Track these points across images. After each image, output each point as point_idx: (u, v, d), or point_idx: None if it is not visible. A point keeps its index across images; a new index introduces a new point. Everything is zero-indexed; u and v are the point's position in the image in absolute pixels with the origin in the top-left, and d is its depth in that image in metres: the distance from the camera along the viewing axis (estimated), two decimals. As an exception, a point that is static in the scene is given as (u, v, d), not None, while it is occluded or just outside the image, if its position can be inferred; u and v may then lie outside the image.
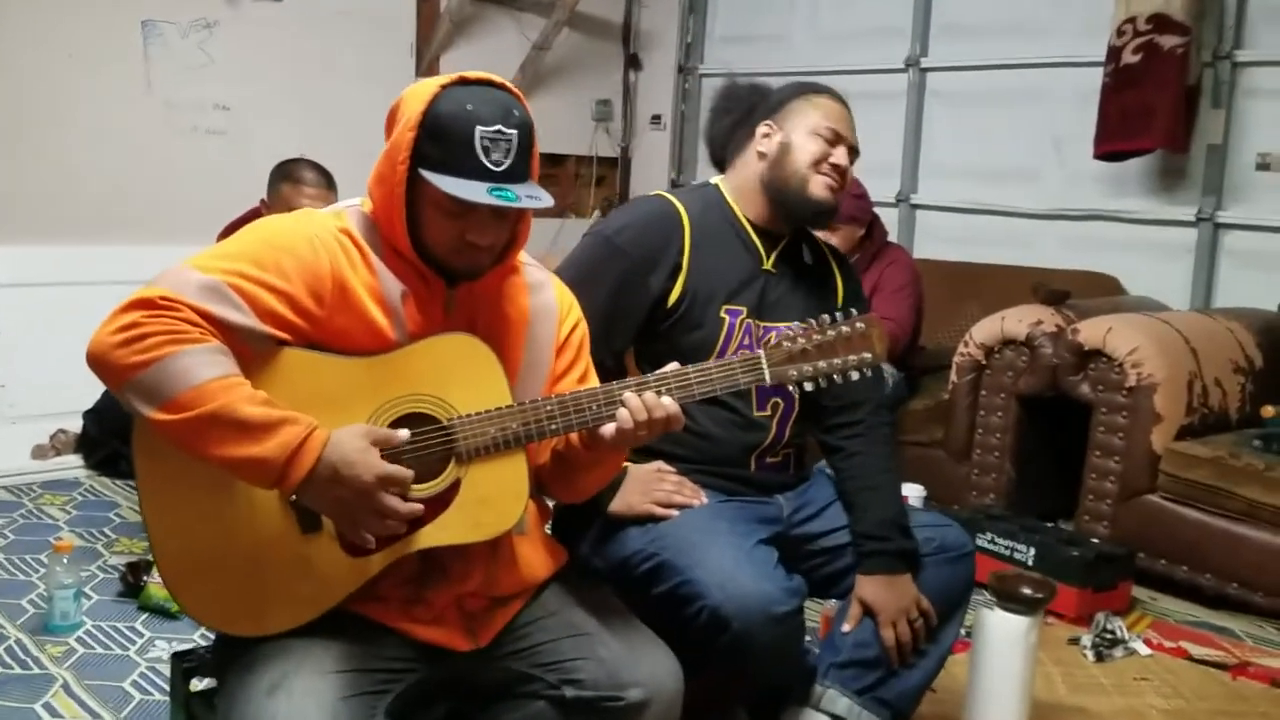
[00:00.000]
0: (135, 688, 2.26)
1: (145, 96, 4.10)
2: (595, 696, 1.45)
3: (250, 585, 1.39)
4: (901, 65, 4.69)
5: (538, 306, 1.58)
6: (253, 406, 1.28)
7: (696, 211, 1.93)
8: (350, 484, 1.30)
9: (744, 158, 1.98)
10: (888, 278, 3.67)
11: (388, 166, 1.41)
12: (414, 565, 1.45)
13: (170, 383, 1.27)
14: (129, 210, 4.08)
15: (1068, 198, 4.24)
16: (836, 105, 1.96)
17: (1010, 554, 2.96)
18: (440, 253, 1.44)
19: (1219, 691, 2.49)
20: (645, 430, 1.45)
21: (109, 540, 3.06)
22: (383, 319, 1.42)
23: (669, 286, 1.87)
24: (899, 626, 1.85)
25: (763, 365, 1.53)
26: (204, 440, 1.28)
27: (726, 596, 1.63)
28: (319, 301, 1.39)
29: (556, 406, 1.45)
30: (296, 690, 1.30)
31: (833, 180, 1.91)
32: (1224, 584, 2.93)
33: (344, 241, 1.44)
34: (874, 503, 1.92)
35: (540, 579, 1.58)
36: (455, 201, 1.37)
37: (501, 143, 1.38)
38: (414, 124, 1.38)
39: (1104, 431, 3.14)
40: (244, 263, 1.36)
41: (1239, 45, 3.78)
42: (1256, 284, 3.73)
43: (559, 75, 5.38)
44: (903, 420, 3.64)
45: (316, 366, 1.40)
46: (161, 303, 1.30)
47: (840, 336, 1.54)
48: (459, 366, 1.44)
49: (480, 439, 1.42)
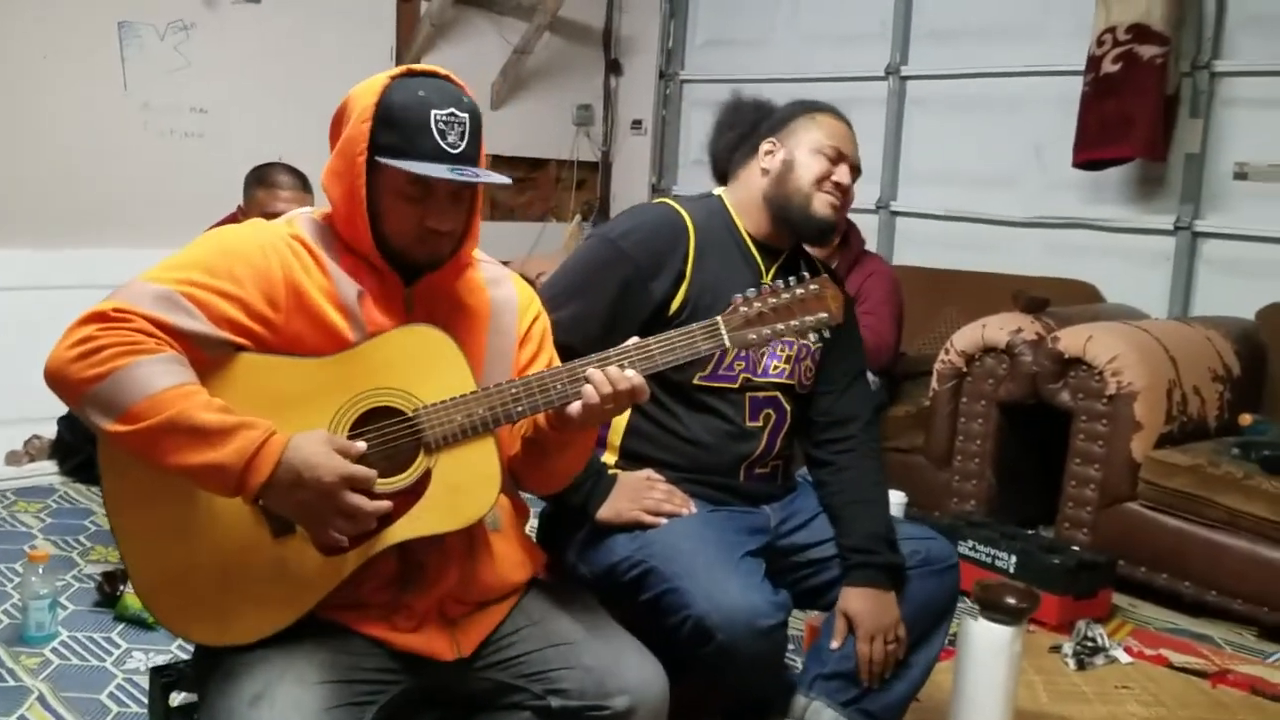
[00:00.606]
0: (113, 700, 2.23)
1: (122, 99, 4.07)
2: (581, 706, 1.45)
3: (225, 593, 1.38)
4: (882, 73, 4.70)
5: (498, 299, 1.59)
6: (208, 413, 1.28)
7: (701, 221, 1.93)
8: (313, 486, 1.29)
9: (747, 173, 1.99)
10: (869, 289, 3.67)
11: (343, 162, 1.43)
12: (391, 565, 1.44)
13: (126, 393, 1.26)
14: (105, 214, 4.04)
15: (1047, 205, 4.26)
16: (839, 124, 1.97)
17: (992, 561, 2.97)
18: (401, 243, 1.45)
19: (1199, 699, 2.50)
20: (611, 403, 1.45)
21: (84, 548, 3.03)
22: (340, 321, 1.42)
23: (672, 294, 1.87)
24: (875, 644, 1.85)
25: (721, 331, 1.53)
26: (161, 449, 1.27)
27: (713, 607, 1.63)
28: (274, 306, 1.40)
29: (521, 388, 1.45)
30: (279, 701, 1.29)
31: (835, 198, 1.92)
32: (1203, 591, 2.95)
33: (295, 247, 1.44)
34: (862, 517, 1.92)
35: (519, 580, 1.57)
36: (418, 184, 1.41)
37: (456, 125, 1.42)
38: (368, 115, 1.41)
39: (1084, 439, 3.15)
40: (195, 271, 1.37)
41: (1217, 55, 3.81)
42: (1234, 292, 3.76)
43: (540, 79, 5.37)
44: (884, 427, 3.65)
45: (276, 369, 1.39)
46: (115, 315, 1.31)
47: (795, 298, 1.55)
48: (421, 357, 1.43)
49: (447, 427, 1.41)
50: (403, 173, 1.40)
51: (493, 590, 1.53)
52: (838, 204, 1.93)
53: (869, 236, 4.57)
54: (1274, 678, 2.61)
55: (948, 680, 2.16)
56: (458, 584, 1.49)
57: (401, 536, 1.40)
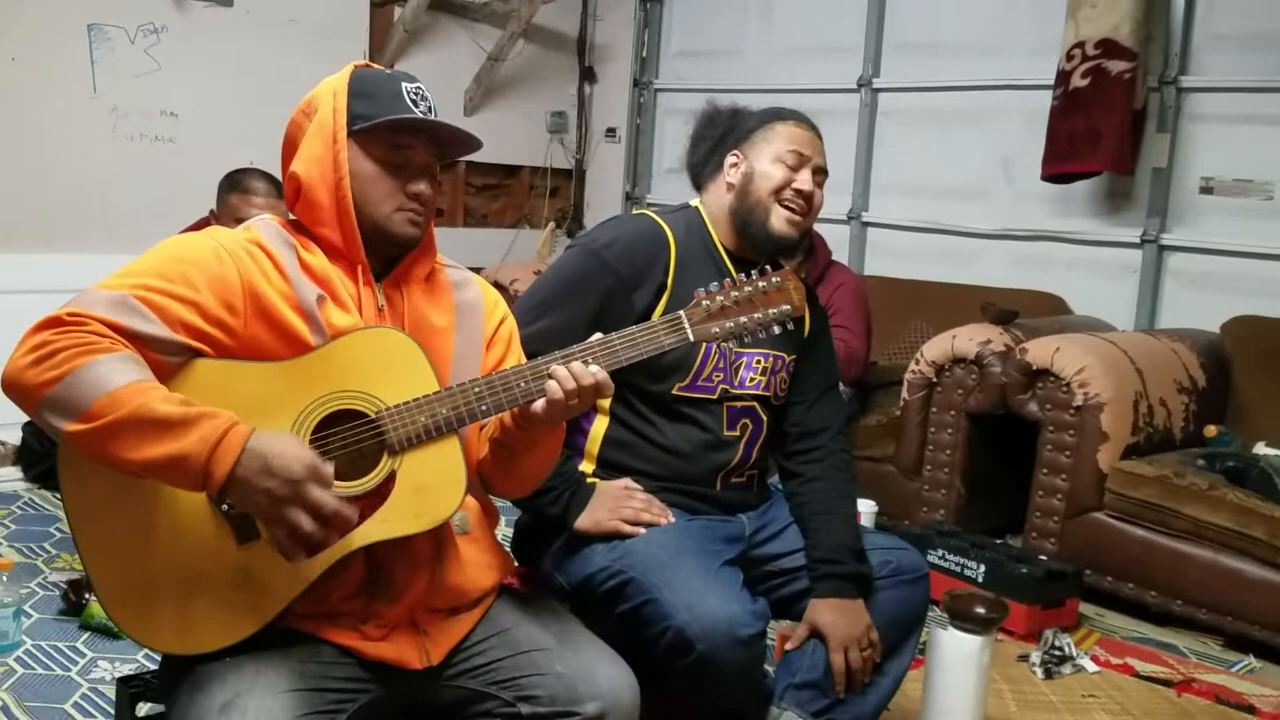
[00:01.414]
0: (77, 710, 2.20)
1: (91, 102, 4.02)
2: (552, 712, 1.44)
3: (189, 602, 1.36)
4: (854, 85, 4.73)
5: (463, 301, 1.60)
6: (168, 405, 1.26)
7: (681, 234, 1.94)
8: (282, 475, 1.27)
9: (716, 186, 2.00)
10: (838, 300, 3.70)
11: (322, 145, 1.47)
12: (359, 571, 1.43)
13: (83, 393, 1.25)
14: (73, 218, 3.99)
15: (1015, 218, 4.31)
16: (800, 129, 1.97)
17: (961, 570, 2.99)
18: (383, 216, 1.48)
19: (1165, 708, 2.53)
20: (576, 399, 1.45)
21: (49, 556, 2.99)
22: (300, 324, 1.42)
23: (653, 305, 1.88)
24: (850, 654, 1.85)
25: (685, 324, 1.54)
26: (122, 444, 1.25)
27: (694, 618, 1.63)
28: (231, 311, 1.39)
29: (485, 387, 1.45)
30: (250, 709, 1.28)
31: (795, 210, 1.92)
32: (1169, 601, 2.98)
33: (253, 250, 1.44)
34: (830, 528, 1.93)
35: (489, 585, 1.56)
36: (398, 150, 1.47)
37: (424, 98, 1.51)
38: (342, 95, 1.48)
39: (1051, 450, 3.18)
40: (149, 277, 1.37)
41: (1184, 71, 3.86)
42: (1200, 305, 3.81)
43: (514, 86, 5.37)
44: (855, 436, 3.67)
45: (235, 374, 1.38)
46: (69, 319, 1.30)
47: (757, 291, 1.56)
48: (382, 359, 1.43)
49: (410, 428, 1.41)
50: (384, 139, 1.47)
51: (463, 595, 1.52)
52: (798, 217, 1.93)
53: (840, 246, 4.61)
54: (1238, 687, 2.65)
55: (917, 690, 2.18)
56: (427, 589, 1.48)
57: (368, 539, 1.39)
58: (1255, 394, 3.45)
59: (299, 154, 1.49)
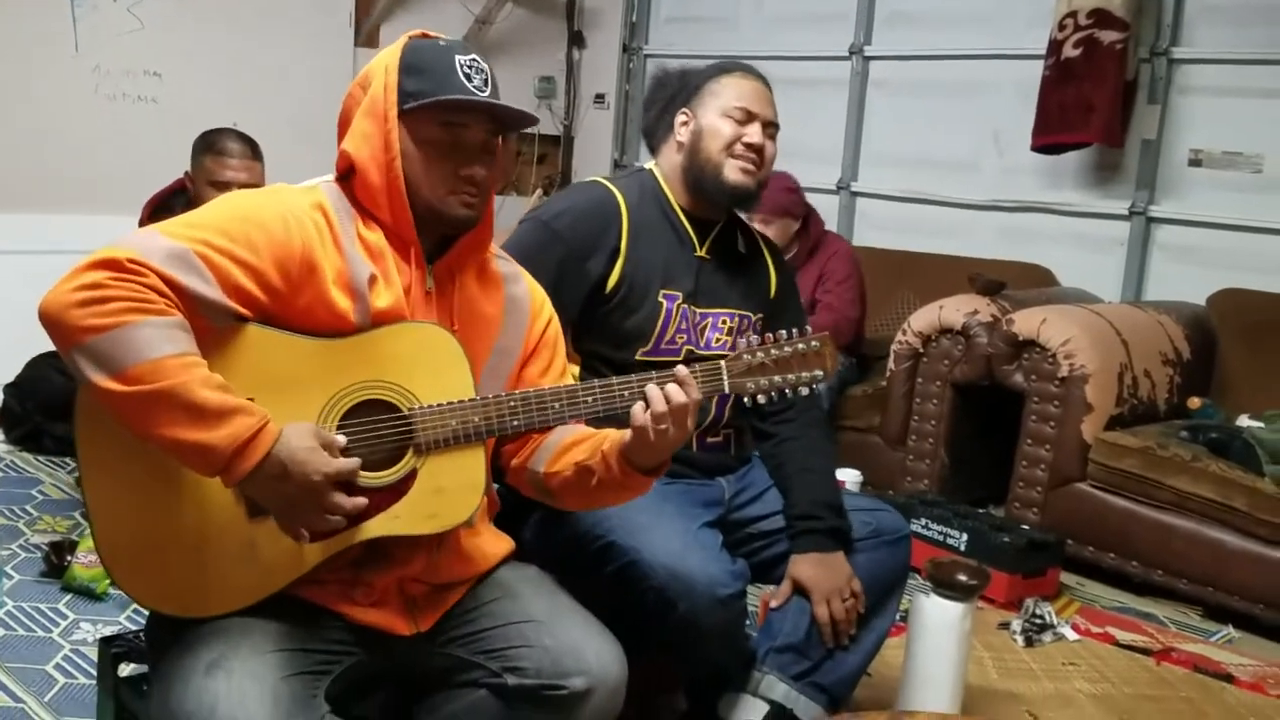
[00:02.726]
0: (59, 671, 2.20)
1: (73, 61, 3.97)
2: (538, 685, 1.44)
3: (192, 567, 1.36)
4: (845, 53, 4.70)
5: (512, 297, 1.58)
6: (208, 390, 1.24)
7: (634, 198, 1.93)
8: (299, 482, 1.28)
9: (668, 147, 1.99)
10: (831, 269, 3.73)
11: (374, 122, 1.43)
12: (357, 550, 1.42)
13: (126, 352, 1.22)
14: (53, 178, 3.94)
15: (1005, 189, 4.30)
16: (747, 82, 1.95)
17: (943, 539, 3.00)
18: (433, 197, 1.43)
19: (1144, 676, 2.55)
20: (665, 423, 1.42)
21: (31, 518, 2.97)
22: (345, 302, 1.39)
23: (607, 271, 1.87)
24: (833, 605, 1.86)
25: (723, 376, 1.54)
26: (152, 418, 1.23)
27: (673, 578, 1.65)
28: (285, 278, 1.36)
29: (520, 403, 1.44)
30: (236, 669, 1.27)
31: (748, 162, 1.91)
32: (1150, 571, 3.01)
33: (317, 219, 1.41)
34: (806, 485, 1.95)
35: (483, 570, 1.56)
36: (451, 128, 1.42)
37: (479, 70, 1.44)
38: (394, 70, 1.42)
39: (1036, 420, 3.19)
40: (213, 233, 1.33)
41: (1176, 42, 3.85)
42: (1186, 277, 3.81)
43: (501, 51, 5.31)
44: (842, 406, 3.69)
45: (277, 346, 1.37)
46: (130, 266, 1.26)
47: (796, 353, 1.56)
48: (424, 356, 1.42)
49: (440, 431, 1.41)
50: (435, 118, 1.41)
51: (456, 578, 1.52)
52: (751, 168, 1.91)
53: (829, 217, 4.60)
54: (1216, 656, 2.67)
55: (899, 656, 2.19)
56: (422, 570, 1.48)
57: (376, 533, 1.39)
58: (1239, 367, 3.47)
59: (351, 131, 1.45)
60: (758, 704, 1.87)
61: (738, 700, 1.89)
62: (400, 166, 1.41)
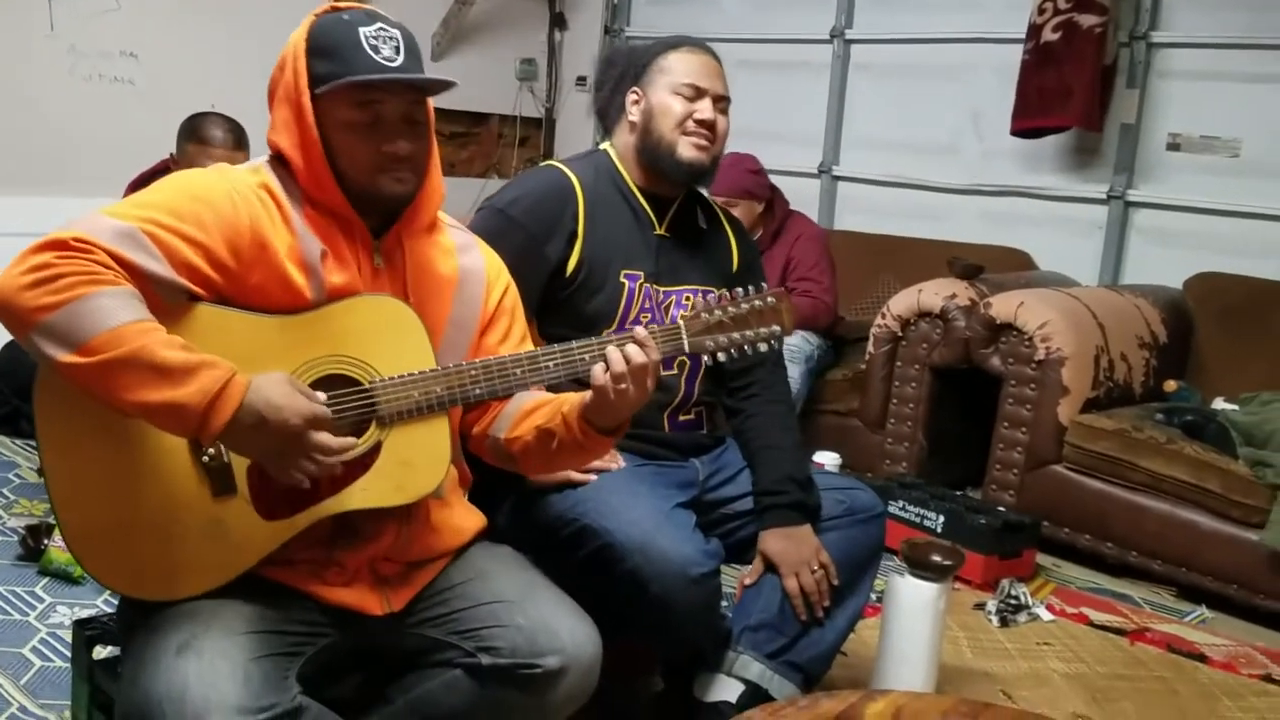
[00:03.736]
0: (35, 654, 2.19)
1: (48, 40, 3.93)
2: (512, 664, 1.44)
3: (159, 549, 1.35)
4: (826, 36, 4.70)
5: (465, 267, 1.58)
6: (170, 350, 1.24)
7: (589, 179, 1.93)
8: (279, 429, 1.27)
9: (621, 128, 1.99)
10: (801, 252, 3.73)
11: (290, 110, 1.42)
12: (325, 527, 1.43)
13: (84, 324, 1.22)
14: (28, 160, 3.91)
15: (984, 173, 4.31)
16: (693, 57, 1.95)
17: (920, 521, 3.02)
18: (362, 178, 1.42)
19: (1118, 656, 2.58)
20: (624, 383, 1.44)
21: (8, 502, 2.96)
22: (300, 278, 1.40)
23: (566, 254, 1.88)
24: (802, 577, 1.88)
25: (683, 336, 1.56)
26: (119, 385, 1.23)
27: (646, 559, 1.65)
28: (236, 256, 1.36)
29: (481, 371, 1.45)
30: (206, 650, 1.27)
31: (700, 138, 1.91)
32: (1125, 552, 3.03)
33: (264, 197, 1.41)
34: (771, 460, 1.96)
35: (454, 546, 1.56)
36: (365, 108, 1.39)
37: (388, 39, 1.41)
38: (301, 54, 1.41)
39: (1013, 403, 3.21)
40: (161, 212, 1.33)
41: (1155, 26, 3.86)
42: (1163, 261, 3.84)
43: (482, 32, 5.29)
44: (821, 389, 3.70)
45: (231, 323, 1.36)
46: (75, 244, 1.26)
47: (753, 310, 1.59)
48: (382, 329, 1.42)
49: (402, 402, 1.41)
50: (348, 99, 1.39)
51: (428, 551, 1.53)
52: (705, 143, 1.92)
53: (810, 200, 4.61)
54: (1190, 636, 2.70)
55: (874, 636, 2.21)
56: (392, 545, 1.48)
57: (346, 507, 1.40)
58: (1215, 350, 3.50)
59: (272, 120, 1.45)
60: (732, 684, 1.88)
61: (712, 680, 1.90)
62: (321, 152, 1.41)
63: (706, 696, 1.90)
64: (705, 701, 1.90)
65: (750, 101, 4.96)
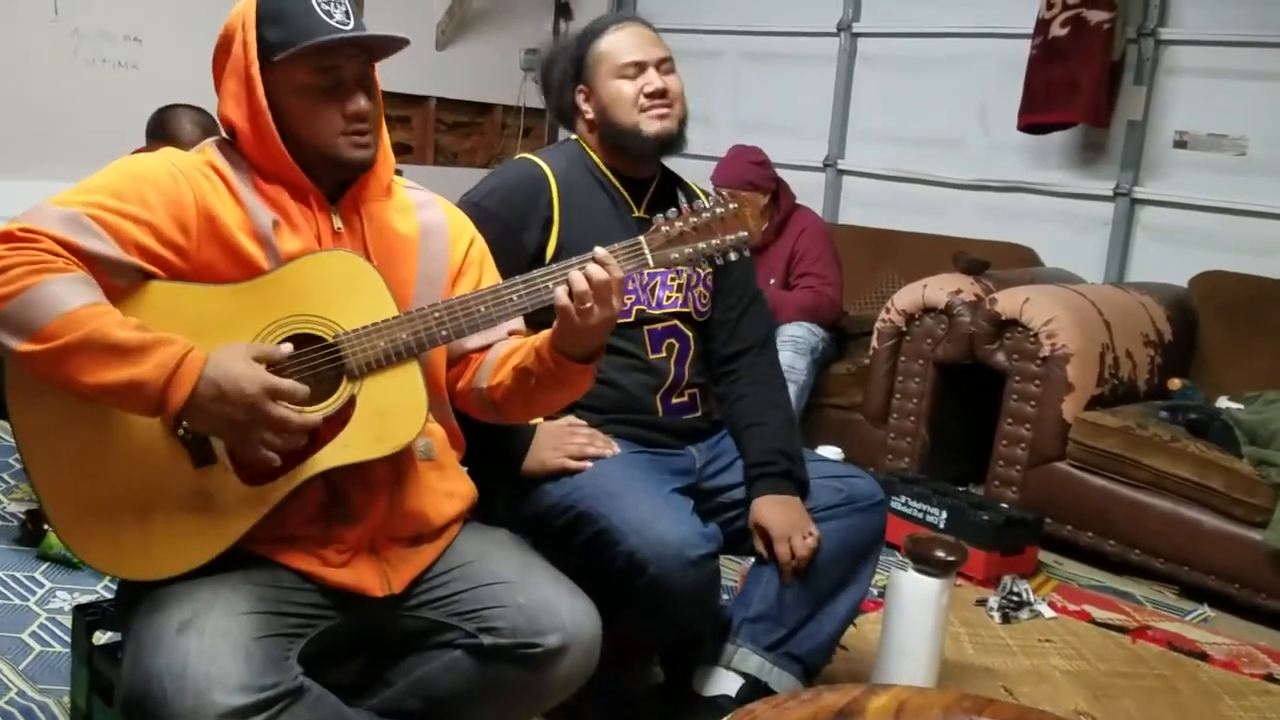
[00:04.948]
0: (35, 639, 2.19)
1: (51, 24, 3.90)
2: (513, 644, 1.44)
3: (145, 527, 1.35)
4: (833, 29, 4.68)
5: (426, 222, 1.58)
6: (124, 330, 1.25)
7: (561, 168, 1.95)
8: (237, 400, 1.27)
9: (582, 126, 2.01)
10: (806, 245, 3.72)
11: (237, 83, 1.42)
12: (318, 494, 1.42)
13: (37, 312, 1.23)
14: (29, 144, 3.88)
15: (990, 168, 4.29)
16: (624, 33, 1.97)
17: (923, 517, 3.01)
18: (326, 145, 1.43)
19: (1119, 654, 2.57)
20: (588, 302, 1.43)
21: (8, 486, 2.96)
22: (255, 250, 1.40)
23: (544, 240, 1.89)
24: (794, 541, 1.87)
25: (645, 250, 1.52)
26: (77, 368, 1.24)
27: (643, 541, 1.65)
28: (185, 232, 1.37)
29: (445, 312, 1.43)
30: (208, 629, 1.27)
31: (659, 108, 1.92)
32: (1127, 550, 3.03)
33: (208, 173, 1.42)
34: (759, 436, 1.96)
35: (451, 513, 1.56)
36: (325, 72, 1.40)
37: (339, 4, 1.42)
38: (251, 24, 1.40)
39: (1017, 399, 3.20)
40: (103, 195, 1.34)
41: (1163, 23, 3.84)
42: (1169, 259, 3.83)
43: (487, 21, 5.27)
44: (825, 383, 3.69)
45: (188, 296, 1.37)
46: (21, 235, 1.28)
47: (715, 217, 1.55)
48: (339, 283, 1.41)
49: (370, 353, 1.40)
50: (306, 64, 1.39)
51: (425, 522, 1.52)
52: (664, 110, 1.93)
53: (815, 194, 4.60)
54: (1191, 635, 2.69)
55: (876, 631, 2.20)
56: (387, 514, 1.47)
57: (329, 464, 1.38)
58: (1220, 348, 3.49)
59: (221, 93, 1.45)
60: (732, 677, 1.88)
61: (712, 673, 1.89)
62: (271, 123, 1.40)
63: (706, 690, 1.89)
64: (705, 695, 1.89)
65: (755, 94, 4.97)
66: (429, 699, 1.49)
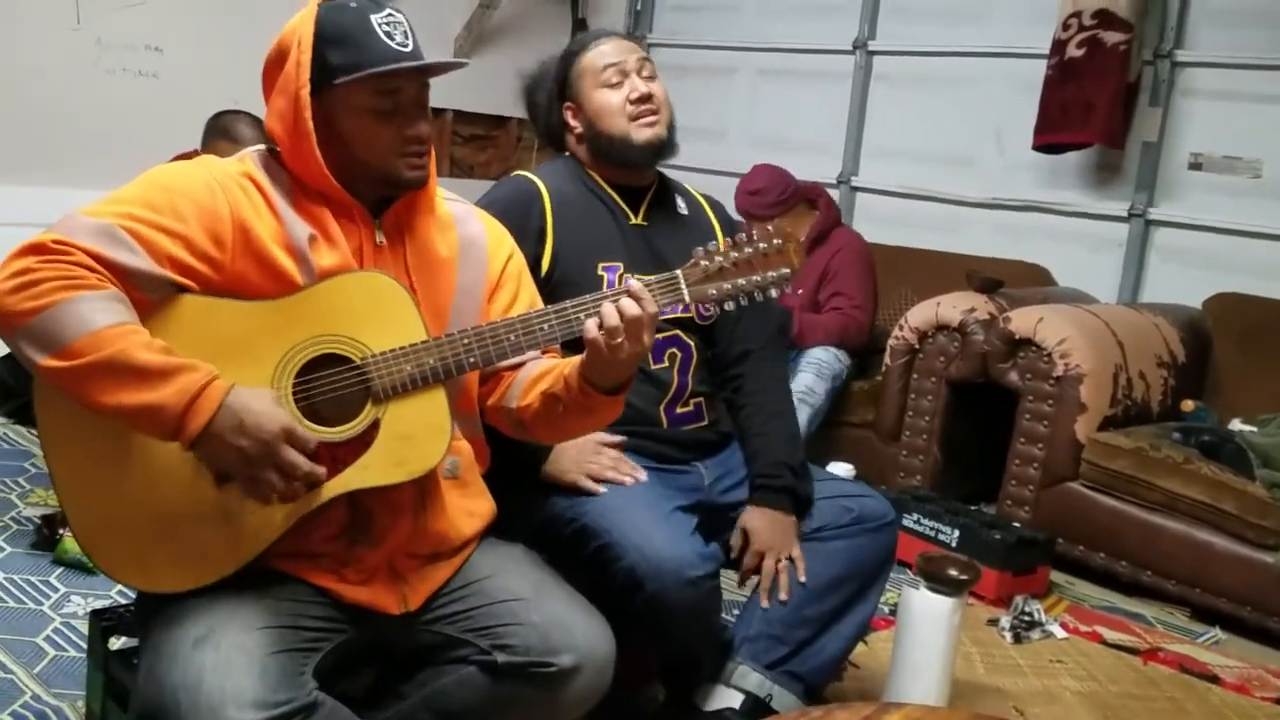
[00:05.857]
0: (49, 643, 2.20)
1: (73, 34, 3.95)
2: (527, 662, 1.44)
3: (166, 540, 1.36)
4: (849, 47, 4.70)
5: (465, 236, 1.58)
6: (149, 353, 1.25)
7: (554, 182, 1.96)
8: (254, 434, 1.27)
9: (571, 141, 2.03)
10: (841, 264, 3.72)
11: (286, 101, 1.41)
12: (341, 514, 1.42)
13: (64, 329, 1.23)
14: (52, 153, 3.92)
15: (1004, 187, 4.29)
16: (603, 46, 1.99)
17: (935, 535, 3.01)
18: (382, 165, 1.43)
19: (1130, 675, 2.56)
20: (619, 338, 1.41)
21: (23, 491, 2.97)
22: (289, 264, 1.39)
23: (539, 253, 1.90)
24: (766, 560, 1.88)
25: (681, 285, 1.48)
26: (98, 388, 1.24)
27: (643, 558, 1.65)
28: (219, 245, 1.37)
29: (474, 339, 1.43)
30: (224, 644, 1.28)
31: (646, 115, 1.94)
32: (1139, 571, 3.02)
33: (245, 185, 1.42)
34: (762, 449, 1.97)
35: (470, 532, 1.56)
36: (387, 95, 1.40)
37: (399, 25, 1.43)
38: (307, 45, 1.40)
39: (1030, 419, 3.20)
40: (136, 206, 1.34)
41: (1179, 45, 3.85)
42: (1183, 280, 3.82)
43: (505, 35, 5.29)
44: (838, 401, 3.69)
45: (219, 312, 1.37)
46: (54, 247, 1.27)
47: (757, 253, 1.50)
48: (369, 304, 1.41)
49: (396, 377, 1.40)
50: (368, 87, 1.40)
51: (445, 541, 1.52)
52: (652, 116, 1.94)
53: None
54: (1203, 657, 2.68)
55: (887, 649, 2.20)
56: (409, 536, 1.48)
57: (349, 486, 1.39)
58: (1233, 371, 3.48)
59: (269, 108, 1.45)
60: (732, 694, 1.88)
61: (713, 691, 1.89)
62: (315, 147, 1.40)
63: (706, 707, 1.89)
64: (706, 711, 1.89)
65: (771, 111, 4.99)
66: (441, 713, 1.49)
